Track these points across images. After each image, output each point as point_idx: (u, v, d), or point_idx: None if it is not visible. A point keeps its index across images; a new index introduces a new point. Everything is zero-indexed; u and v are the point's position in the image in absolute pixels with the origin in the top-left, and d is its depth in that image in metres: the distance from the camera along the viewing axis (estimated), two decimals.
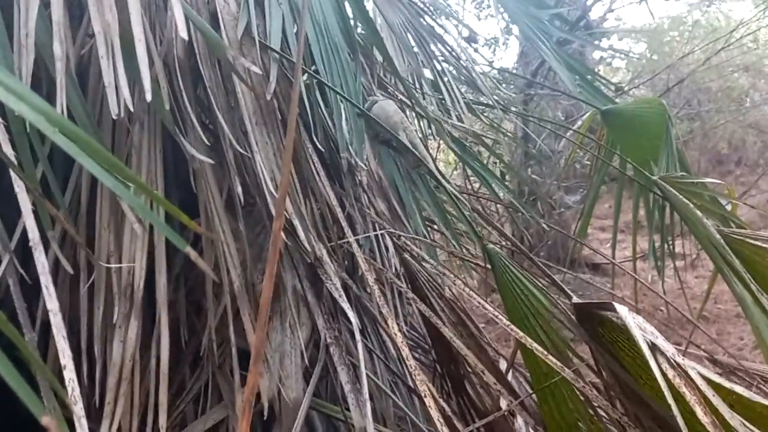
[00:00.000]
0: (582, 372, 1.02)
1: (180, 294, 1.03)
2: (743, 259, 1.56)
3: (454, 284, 1.13)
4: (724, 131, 5.03)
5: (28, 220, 0.73)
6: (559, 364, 0.89)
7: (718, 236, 1.67)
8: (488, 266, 1.20)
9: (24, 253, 0.85)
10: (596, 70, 4.70)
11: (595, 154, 2.22)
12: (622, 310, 0.86)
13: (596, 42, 3.61)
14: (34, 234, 0.72)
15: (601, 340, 1.02)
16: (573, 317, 1.03)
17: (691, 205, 1.76)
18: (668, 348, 0.78)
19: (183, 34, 0.60)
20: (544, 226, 3.18)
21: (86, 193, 0.90)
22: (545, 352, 0.91)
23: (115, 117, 0.68)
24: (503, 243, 2.24)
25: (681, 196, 1.79)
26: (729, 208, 2.00)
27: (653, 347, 0.78)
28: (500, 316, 1.03)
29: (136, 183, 0.62)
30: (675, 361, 0.76)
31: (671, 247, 2.34)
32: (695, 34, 5.24)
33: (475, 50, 4.82)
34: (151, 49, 0.71)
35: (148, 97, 0.63)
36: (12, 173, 0.76)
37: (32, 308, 0.87)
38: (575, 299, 1.03)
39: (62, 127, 0.56)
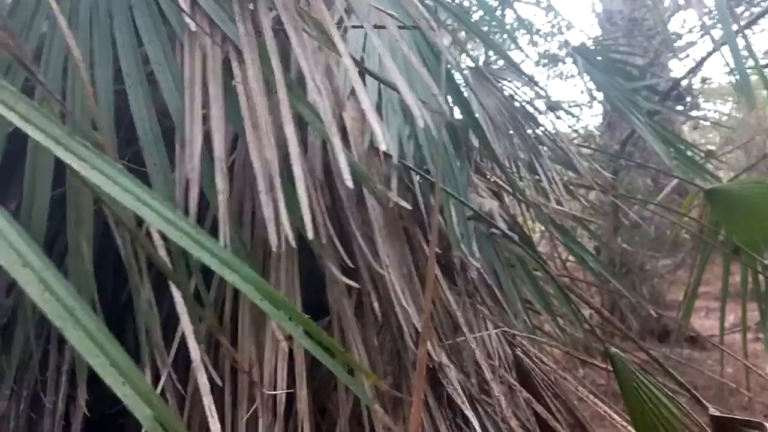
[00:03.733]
0: None
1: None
2: None
3: (577, 390, 1.11)
4: None
5: (190, 341, 0.78)
6: None
7: None
8: (610, 369, 1.17)
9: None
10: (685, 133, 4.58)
11: (699, 236, 2.15)
12: None
13: (689, 112, 3.54)
14: (196, 355, 0.77)
15: None
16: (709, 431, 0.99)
17: None
18: None
19: (349, 183, 0.66)
20: (638, 299, 3.06)
21: (230, 303, 0.96)
22: None
23: (274, 249, 0.73)
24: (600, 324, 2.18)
25: None
26: None
27: None
28: (628, 428, 1.00)
29: (288, 309, 0.67)
30: None
31: None
32: None
33: (558, 117, 4.83)
34: (308, 185, 0.78)
35: (310, 235, 0.69)
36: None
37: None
38: (712, 410, 0.98)
39: (228, 264, 0.62)
